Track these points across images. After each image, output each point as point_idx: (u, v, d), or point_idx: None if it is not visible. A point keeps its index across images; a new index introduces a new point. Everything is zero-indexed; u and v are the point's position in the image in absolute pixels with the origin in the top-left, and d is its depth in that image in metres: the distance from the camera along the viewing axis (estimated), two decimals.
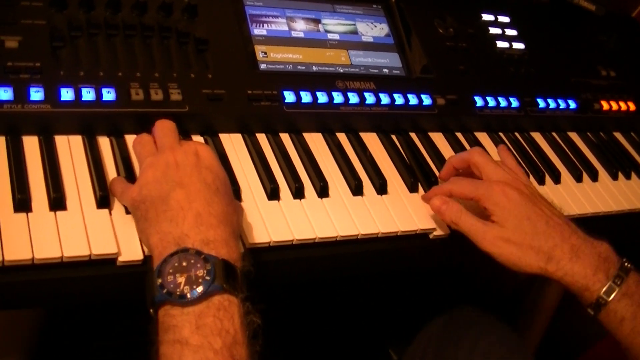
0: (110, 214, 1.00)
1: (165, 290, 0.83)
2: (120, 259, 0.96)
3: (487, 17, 1.63)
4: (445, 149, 1.38)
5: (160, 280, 0.84)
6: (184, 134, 1.17)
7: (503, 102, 1.47)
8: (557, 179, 1.42)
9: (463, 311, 1.40)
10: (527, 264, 1.11)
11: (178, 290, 0.83)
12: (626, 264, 1.10)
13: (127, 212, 1.00)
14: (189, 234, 0.88)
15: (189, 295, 0.83)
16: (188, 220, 0.89)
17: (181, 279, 0.84)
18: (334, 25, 1.41)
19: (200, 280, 0.84)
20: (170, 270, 0.85)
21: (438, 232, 1.20)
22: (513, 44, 1.61)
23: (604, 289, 1.07)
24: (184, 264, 0.85)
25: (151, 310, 0.86)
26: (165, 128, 1.04)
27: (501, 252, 1.11)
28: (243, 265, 0.90)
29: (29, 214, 0.95)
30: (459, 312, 1.40)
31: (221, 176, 0.98)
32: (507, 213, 1.12)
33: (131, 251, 0.96)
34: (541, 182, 1.40)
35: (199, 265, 0.85)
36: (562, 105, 1.56)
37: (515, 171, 1.21)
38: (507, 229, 1.11)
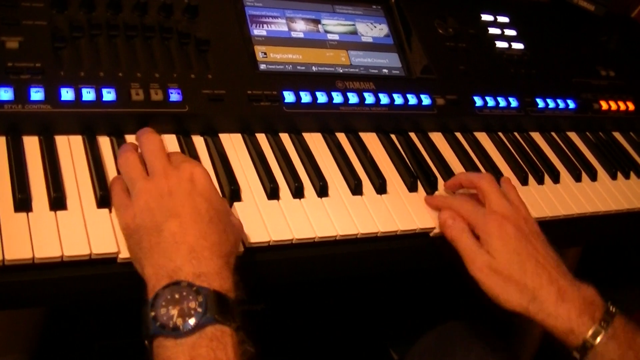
0: (111, 213, 1.00)
1: (158, 324, 0.84)
2: (121, 255, 0.96)
3: (486, 17, 1.63)
4: (445, 149, 1.39)
5: (153, 313, 0.84)
6: (184, 134, 1.18)
7: (502, 102, 1.48)
8: (556, 178, 1.43)
9: (455, 324, 1.40)
10: (508, 299, 1.11)
11: (171, 322, 0.83)
12: (611, 308, 1.10)
13: None
14: (182, 267, 0.88)
15: (181, 327, 0.83)
16: (181, 253, 0.89)
17: (174, 311, 0.84)
18: (334, 26, 1.41)
19: (192, 312, 0.84)
20: (163, 303, 0.85)
21: (438, 230, 1.21)
22: (512, 44, 1.61)
23: (590, 332, 1.07)
24: (177, 296, 0.85)
25: (146, 342, 0.86)
26: (153, 147, 1.03)
27: (486, 280, 1.12)
28: (237, 295, 0.90)
29: (30, 214, 0.96)
30: (451, 326, 1.40)
31: (214, 203, 0.97)
32: (498, 245, 1.12)
33: None
34: (540, 181, 1.41)
35: (191, 297, 0.85)
36: (562, 105, 1.56)
37: (517, 204, 1.20)
38: (497, 260, 1.11)
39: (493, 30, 1.61)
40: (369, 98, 1.32)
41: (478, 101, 1.45)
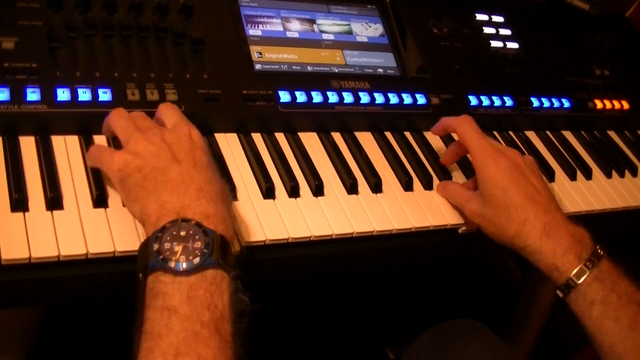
0: (107, 213, 1.01)
1: (161, 257, 0.84)
2: (119, 248, 0.97)
3: (481, 16, 1.63)
4: (440, 148, 1.39)
5: (157, 246, 0.84)
6: None
7: (497, 102, 1.48)
8: (551, 177, 1.43)
9: (452, 323, 1.41)
10: (497, 237, 1.15)
11: (174, 258, 0.83)
12: (599, 250, 1.10)
13: (124, 210, 1.01)
14: (190, 205, 0.89)
15: (184, 265, 0.83)
16: (190, 192, 0.90)
17: (178, 248, 0.84)
18: (329, 26, 1.42)
19: (197, 252, 0.84)
20: (168, 238, 0.85)
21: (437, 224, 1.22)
22: (507, 43, 1.62)
23: (575, 270, 1.08)
24: (183, 233, 0.85)
25: (140, 275, 0.86)
26: (141, 115, 1.04)
27: (478, 224, 1.18)
28: (235, 245, 0.91)
29: (26, 214, 0.96)
30: (448, 325, 1.41)
31: (212, 161, 0.99)
32: (486, 179, 1.15)
33: (128, 247, 0.97)
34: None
35: (197, 237, 0.85)
36: (557, 104, 1.57)
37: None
38: (483, 202, 1.16)
39: (488, 30, 1.61)
40: (364, 97, 1.32)
41: (473, 100, 1.45)
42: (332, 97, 1.30)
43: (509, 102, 1.50)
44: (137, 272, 0.87)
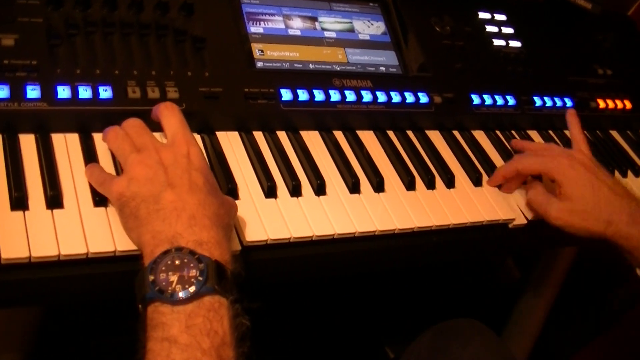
0: (107, 212, 1.00)
1: (157, 288, 0.83)
2: (119, 247, 0.96)
3: (483, 15, 1.63)
4: (442, 147, 1.38)
5: (152, 277, 0.84)
6: None
7: (500, 100, 1.48)
8: None
9: (451, 323, 1.41)
10: (587, 229, 1.23)
11: (170, 288, 0.83)
12: None
13: None
14: (182, 233, 0.88)
15: (180, 294, 0.83)
16: (182, 220, 0.89)
17: (173, 278, 0.84)
18: (331, 24, 1.41)
19: (192, 280, 0.84)
20: (163, 268, 0.84)
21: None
22: (510, 42, 1.61)
23: None
24: (177, 262, 0.85)
25: (140, 307, 0.86)
26: (138, 127, 1.03)
27: (563, 224, 1.25)
28: (234, 268, 0.90)
29: (26, 212, 0.95)
30: (447, 324, 1.41)
31: (210, 179, 0.98)
32: (573, 183, 1.25)
33: (129, 246, 0.96)
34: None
35: (192, 265, 0.85)
36: (559, 103, 1.56)
37: (578, 141, 1.37)
38: (572, 200, 1.24)
39: (490, 29, 1.61)
40: (366, 96, 1.32)
41: (475, 99, 1.45)
42: (334, 96, 1.29)
43: (511, 101, 1.49)
44: (136, 303, 0.86)
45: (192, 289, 0.83)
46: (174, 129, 1.02)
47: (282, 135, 1.26)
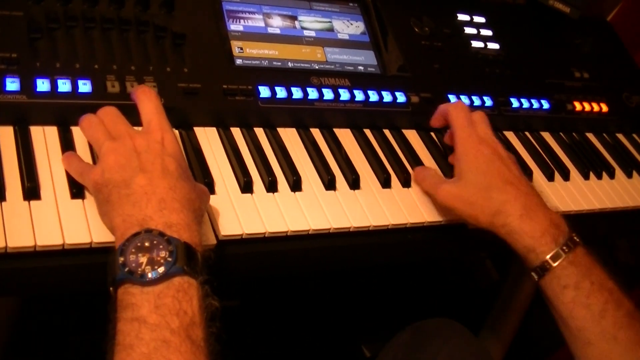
0: (84, 204, 1.01)
1: (126, 269, 0.84)
2: (95, 239, 0.96)
3: (462, 17, 1.64)
4: (419, 147, 1.39)
5: (122, 259, 0.85)
6: None
7: (477, 101, 1.49)
8: (529, 177, 1.43)
9: (429, 322, 1.41)
10: (474, 218, 1.17)
11: (139, 269, 0.84)
12: (575, 237, 1.12)
13: None
14: (152, 216, 0.89)
15: (150, 275, 0.84)
16: (152, 204, 0.90)
17: (143, 259, 0.85)
18: (310, 23, 1.42)
19: (162, 261, 0.85)
20: (133, 250, 0.86)
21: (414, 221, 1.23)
22: (488, 44, 1.63)
23: (551, 253, 1.10)
24: (147, 244, 0.86)
25: (111, 289, 0.87)
26: (112, 115, 1.04)
27: (452, 206, 1.19)
28: (203, 250, 0.91)
29: (3, 203, 0.96)
30: (425, 323, 1.42)
31: (183, 164, 0.99)
32: (468, 162, 1.19)
33: (105, 238, 0.97)
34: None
35: (161, 246, 0.86)
36: (536, 105, 1.58)
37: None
38: (461, 185, 1.18)
39: (469, 30, 1.62)
40: (344, 94, 1.33)
41: (452, 99, 1.46)
42: (312, 94, 1.30)
43: (488, 102, 1.50)
44: (107, 285, 0.87)
45: (161, 269, 0.84)
46: (149, 115, 1.04)
47: (259, 132, 1.27)
